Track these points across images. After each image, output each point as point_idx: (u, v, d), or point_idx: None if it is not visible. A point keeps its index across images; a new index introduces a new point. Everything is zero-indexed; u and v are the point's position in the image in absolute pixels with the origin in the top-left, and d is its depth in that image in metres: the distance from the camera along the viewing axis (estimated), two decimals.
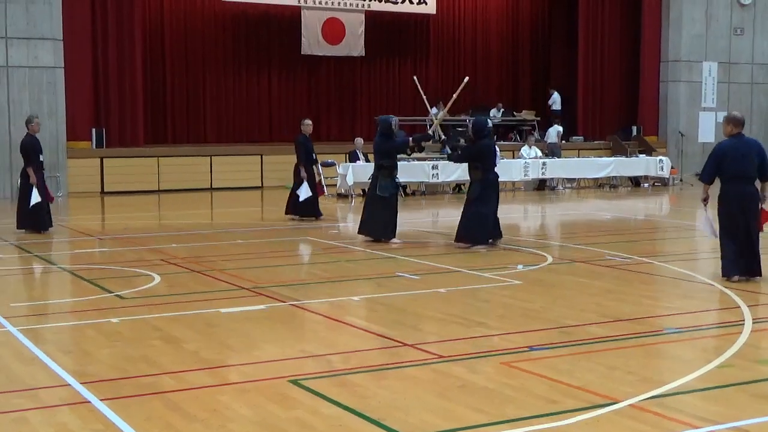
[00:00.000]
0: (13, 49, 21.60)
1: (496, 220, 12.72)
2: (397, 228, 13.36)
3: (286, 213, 16.39)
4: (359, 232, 13.43)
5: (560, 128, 27.33)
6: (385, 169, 13.23)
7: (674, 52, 29.63)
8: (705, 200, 10.06)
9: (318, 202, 16.44)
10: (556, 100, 29.96)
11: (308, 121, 17.02)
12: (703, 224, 10.34)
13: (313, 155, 16.64)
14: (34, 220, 14.47)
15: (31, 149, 14.53)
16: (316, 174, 17.00)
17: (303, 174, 16.22)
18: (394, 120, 13.53)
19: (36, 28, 21.74)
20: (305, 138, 16.47)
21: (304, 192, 16.12)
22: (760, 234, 9.83)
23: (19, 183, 14.86)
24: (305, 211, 16.26)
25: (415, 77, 15.68)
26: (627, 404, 5.53)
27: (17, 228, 14.59)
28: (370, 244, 13.03)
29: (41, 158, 14.77)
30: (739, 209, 9.66)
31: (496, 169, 12.81)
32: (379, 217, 13.21)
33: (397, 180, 13.51)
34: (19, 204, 14.73)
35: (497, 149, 13.08)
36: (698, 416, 5.32)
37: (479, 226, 12.42)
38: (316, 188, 16.53)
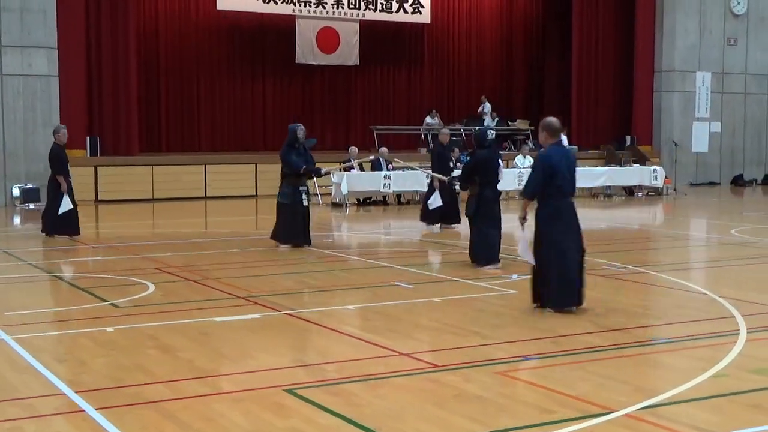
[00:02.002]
0: (7, 57, 21.60)
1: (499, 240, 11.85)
2: (310, 234, 13.76)
3: (421, 220, 16.54)
4: (271, 238, 13.76)
5: (565, 137, 27.37)
6: (288, 176, 13.55)
7: (668, 62, 29.73)
8: (525, 219, 8.90)
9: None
10: (487, 110, 29.92)
11: (446, 130, 17.32)
12: (525, 249, 8.88)
13: (450, 164, 16.68)
14: (66, 225, 14.98)
15: (57, 158, 15.06)
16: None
17: (436, 183, 16.00)
18: (300, 129, 13.61)
19: (30, 36, 21.75)
20: (441, 147, 16.44)
21: (436, 200, 15.93)
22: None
23: (47, 190, 15.38)
24: (434, 219, 16.27)
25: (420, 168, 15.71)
26: (622, 414, 5.53)
27: (45, 234, 15.02)
28: (363, 253, 13.04)
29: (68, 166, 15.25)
30: (576, 228, 8.77)
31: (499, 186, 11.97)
32: (280, 222, 13.60)
33: (301, 188, 13.58)
34: (47, 210, 15.19)
35: (500, 162, 12.01)
36: (693, 426, 5.33)
37: (485, 248, 11.62)
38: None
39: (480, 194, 11.76)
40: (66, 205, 14.86)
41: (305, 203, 13.61)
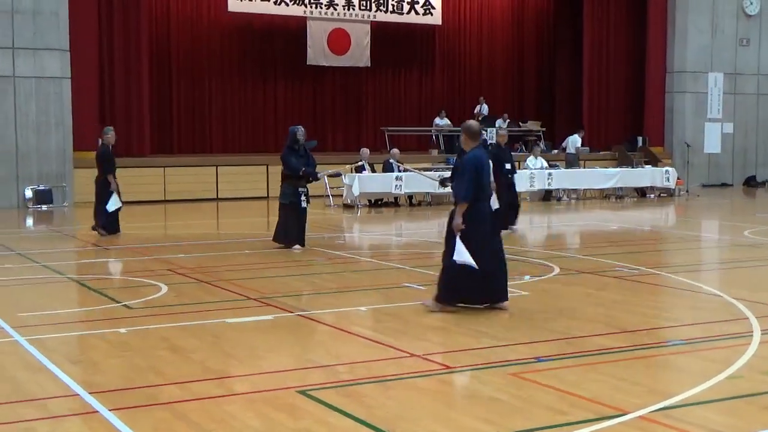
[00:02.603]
0: (19, 60, 21.69)
1: None
2: (305, 234, 13.80)
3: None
4: (273, 240, 13.86)
5: (579, 138, 27.30)
6: (288, 178, 13.62)
7: (680, 62, 29.66)
8: (463, 225, 8.60)
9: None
10: (485, 111, 29.82)
11: (503, 131, 17.01)
12: (465, 254, 8.57)
13: (507, 165, 15.98)
14: (113, 223, 15.61)
15: (106, 159, 15.72)
16: None
17: (494, 185, 15.69)
18: (300, 131, 13.61)
19: (43, 39, 21.84)
20: (498, 148, 15.98)
21: (493, 203, 15.64)
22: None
23: (96, 191, 15.93)
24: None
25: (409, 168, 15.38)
26: (636, 416, 5.51)
27: (104, 233, 15.47)
28: (375, 254, 13.04)
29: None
30: (494, 230, 8.94)
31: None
32: (280, 223, 13.73)
33: (300, 190, 13.60)
34: (97, 208, 15.70)
35: (490, 163, 12.00)
36: (707, 428, 5.30)
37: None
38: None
39: None
40: (114, 203, 15.55)
41: (304, 205, 13.65)
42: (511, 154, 16.81)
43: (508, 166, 15.93)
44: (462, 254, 8.57)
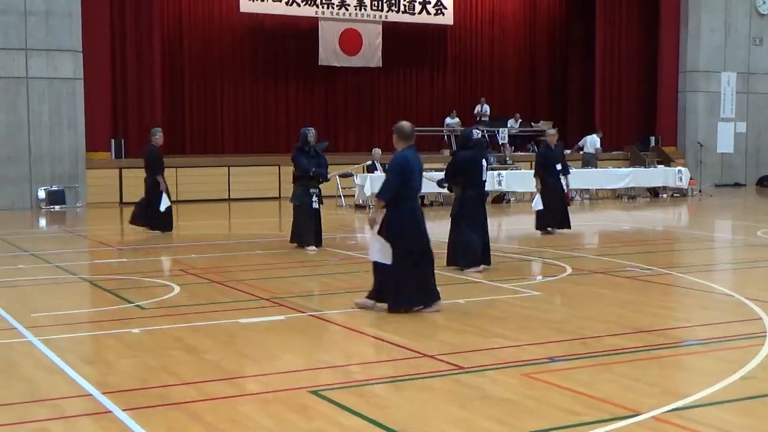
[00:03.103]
0: (32, 60, 21.78)
1: (485, 244, 11.52)
2: (321, 236, 13.85)
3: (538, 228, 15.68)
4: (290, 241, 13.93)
5: (598, 138, 27.17)
6: (299, 179, 13.66)
7: (693, 62, 29.55)
8: (375, 222, 8.71)
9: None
10: (486, 111, 29.67)
11: (552, 131, 16.60)
12: (380, 251, 8.71)
13: (558, 165, 15.65)
14: (166, 221, 16.09)
15: (155, 159, 16.09)
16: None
17: (538, 186, 15.48)
18: (311, 133, 13.61)
19: (55, 40, 21.91)
20: (547, 149, 15.76)
21: (537, 204, 15.37)
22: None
23: (145, 189, 16.31)
24: (541, 223, 15.61)
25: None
26: (649, 416, 5.49)
27: (135, 225, 16.02)
28: None
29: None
30: (425, 230, 8.91)
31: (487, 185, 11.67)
32: (294, 224, 13.81)
33: (311, 191, 13.58)
34: (145, 207, 16.10)
35: (484, 163, 11.52)
36: (721, 428, 5.29)
37: (465, 250, 11.32)
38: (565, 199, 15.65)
39: (463, 196, 11.45)
40: (166, 202, 15.93)
41: (315, 205, 13.64)
42: (563, 153, 16.56)
43: (558, 166, 15.70)
44: (375, 251, 8.69)
